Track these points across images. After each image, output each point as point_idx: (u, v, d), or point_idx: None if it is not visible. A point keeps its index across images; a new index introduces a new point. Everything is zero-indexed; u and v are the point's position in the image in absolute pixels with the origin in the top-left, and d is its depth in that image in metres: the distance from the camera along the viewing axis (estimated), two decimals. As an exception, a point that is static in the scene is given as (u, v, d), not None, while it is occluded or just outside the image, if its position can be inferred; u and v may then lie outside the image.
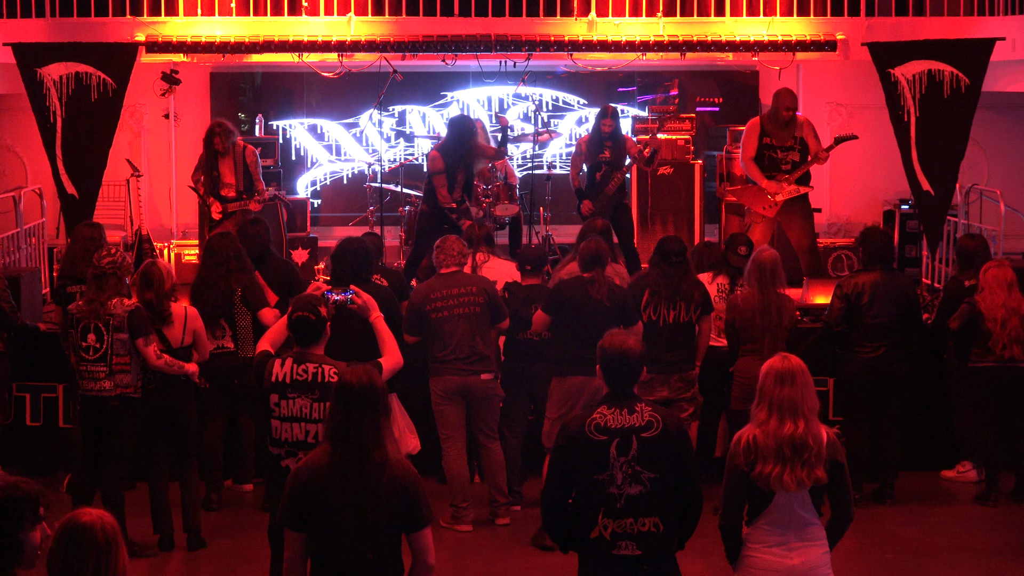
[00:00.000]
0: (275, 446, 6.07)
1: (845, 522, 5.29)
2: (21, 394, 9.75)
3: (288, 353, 6.10)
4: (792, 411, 5.09)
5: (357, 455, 4.68)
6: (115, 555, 3.64)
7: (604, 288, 8.26)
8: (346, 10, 12.52)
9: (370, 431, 4.70)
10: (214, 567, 8.15)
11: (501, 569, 7.84)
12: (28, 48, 11.01)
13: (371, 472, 4.67)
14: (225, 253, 8.85)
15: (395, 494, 4.69)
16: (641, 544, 5.06)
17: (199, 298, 8.82)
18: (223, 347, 8.82)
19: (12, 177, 13.95)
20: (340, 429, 4.72)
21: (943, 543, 8.45)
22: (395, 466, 4.72)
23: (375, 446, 4.70)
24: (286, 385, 5.99)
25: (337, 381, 4.83)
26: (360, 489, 4.67)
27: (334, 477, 4.69)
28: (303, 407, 5.99)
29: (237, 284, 8.81)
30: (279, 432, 6.03)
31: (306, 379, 6.00)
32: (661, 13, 12.58)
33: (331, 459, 4.71)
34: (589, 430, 5.08)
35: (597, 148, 11.30)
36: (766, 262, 8.56)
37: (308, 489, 4.72)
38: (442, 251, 8.66)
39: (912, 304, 9.15)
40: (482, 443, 8.67)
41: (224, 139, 10.84)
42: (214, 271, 8.84)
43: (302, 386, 5.99)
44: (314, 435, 5.94)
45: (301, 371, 6.01)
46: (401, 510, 4.71)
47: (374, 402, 4.74)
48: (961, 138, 10.97)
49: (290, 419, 6.00)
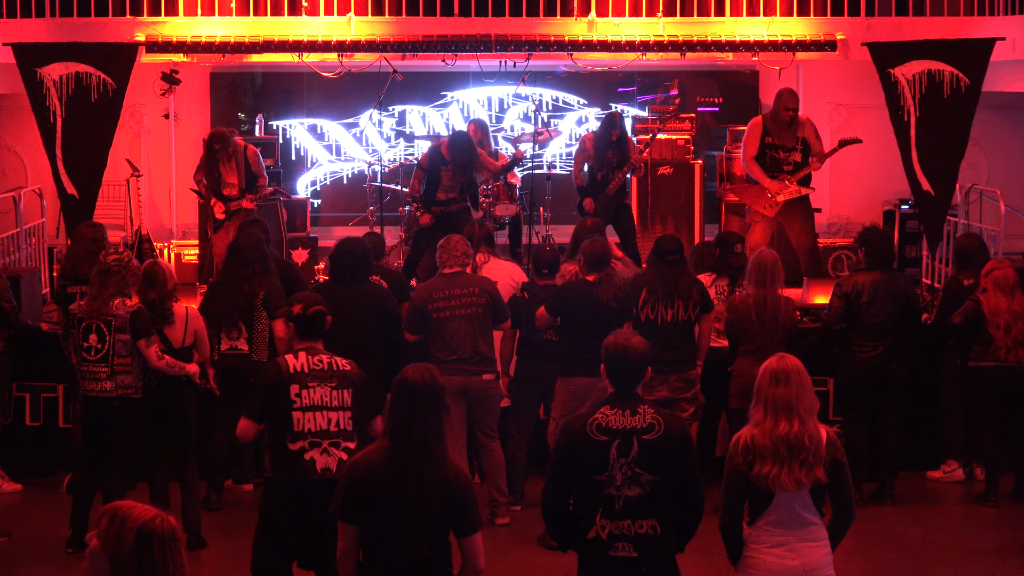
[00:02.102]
0: (296, 440, 6.05)
1: (847, 521, 5.27)
2: (21, 394, 9.75)
3: (298, 348, 6.21)
4: (787, 411, 5.09)
5: (419, 452, 4.72)
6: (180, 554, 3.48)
7: (611, 290, 8.28)
8: (346, 10, 12.52)
9: (432, 428, 4.75)
10: (214, 567, 8.15)
11: (501, 569, 7.82)
12: (28, 48, 11.02)
13: (431, 469, 4.72)
14: (252, 255, 8.84)
15: (449, 494, 4.74)
16: (638, 546, 5.05)
17: (220, 296, 8.80)
18: (237, 349, 8.80)
19: (12, 177, 13.95)
20: (403, 426, 4.75)
21: (943, 543, 8.45)
22: (450, 467, 4.79)
23: (436, 443, 4.75)
24: (306, 375, 6.08)
25: (399, 379, 4.84)
26: (420, 485, 4.71)
27: (393, 473, 4.71)
28: (323, 395, 6.08)
29: (260, 287, 8.79)
30: (301, 423, 6.05)
31: (323, 368, 6.12)
32: (661, 13, 12.58)
33: (390, 455, 4.74)
34: (590, 430, 5.07)
35: (603, 150, 11.33)
36: (767, 262, 8.57)
37: (364, 483, 4.74)
38: (446, 251, 8.66)
39: (911, 304, 9.15)
40: (482, 443, 8.67)
41: (224, 147, 10.89)
42: (239, 271, 8.81)
43: (321, 375, 6.10)
44: (336, 422, 6.04)
45: (316, 361, 6.14)
46: (454, 511, 4.76)
47: (436, 399, 4.79)
48: (961, 138, 10.98)
49: (312, 408, 6.06)
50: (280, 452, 6.08)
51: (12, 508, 9.16)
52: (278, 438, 6.11)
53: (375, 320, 8.49)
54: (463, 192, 11.14)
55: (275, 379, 6.12)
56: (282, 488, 6.09)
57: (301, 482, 6.01)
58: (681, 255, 8.71)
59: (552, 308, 8.40)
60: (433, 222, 11.06)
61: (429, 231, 11.04)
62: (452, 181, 11.08)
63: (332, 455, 6.05)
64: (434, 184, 11.10)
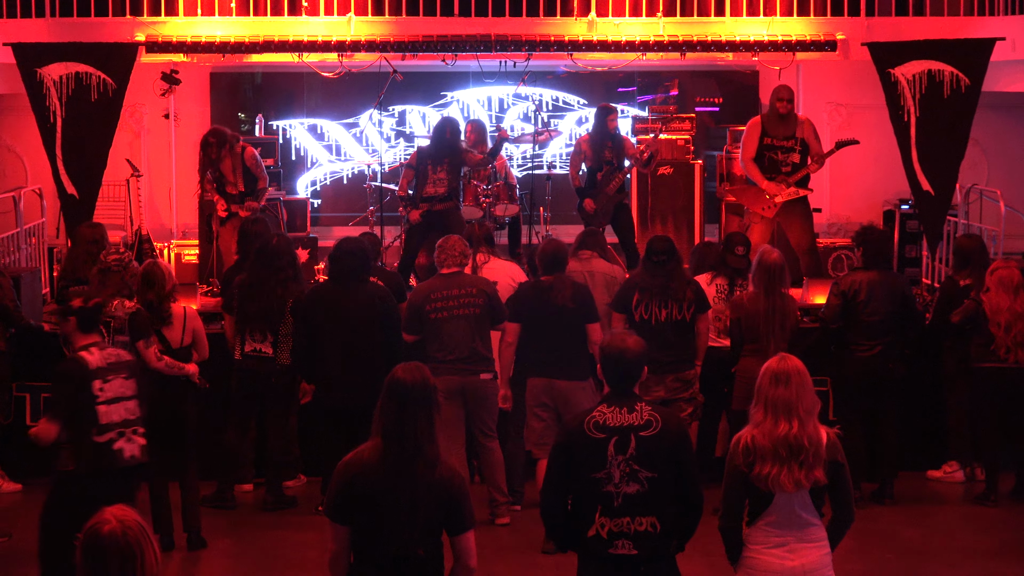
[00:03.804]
0: (103, 432, 6.53)
1: (846, 522, 5.27)
2: (21, 394, 9.75)
3: (87, 343, 6.59)
4: (787, 411, 5.09)
5: (412, 452, 4.70)
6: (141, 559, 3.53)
7: (567, 290, 8.32)
8: (346, 10, 12.52)
9: (424, 427, 4.73)
10: (214, 567, 8.15)
11: (501, 569, 7.83)
12: (28, 48, 11.02)
13: (424, 468, 4.70)
14: (286, 258, 8.84)
15: (443, 493, 4.72)
16: (638, 544, 5.05)
17: (255, 298, 8.77)
18: (260, 351, 8.79)
19: (12, 177, 13.94)
20: (395, 426, 4.73)
21: (943, 543, 8.45)
22: (443, 466, 4.77)
23: (428, 442, 4.73)
24: (104, 369, 6.54)
25: (390, 378, 4.82)
26: (412, 485, 4.69)
27: (385, 473, 4.69)
28: (120, 387, 6.58)
29: (291, 294, 8.79)
30: (107, 416, 6.52)
31: (115, 360, 6.61)
32: (661, 13, 12.58)
33: (383, 456, 4.72)
34: (588, 428, 5.08)
35: (599, 148, 11.35)
36: (773, 265, 8.54)
37: (356, 484, 4.72)
38: (444, 251, 8.66)
39: (908, 303, 9.15)
40: (481, 443, 8.68)
41: (218, 148, 10.86)
42: (273, 274, 8.79)
43: (116, 367, 6.60)
44: (131, 411, 6.61)
45: (107, 355, 6.61)
46: (447, 510, 4.73)
47: (427, 399, 4.77)
48: (961, 138, 10.98)
49: (114, 400, 6.54)
50: (86, 445, 6.50)
51: (12, 508, 9.16)
52: (84, 433, 6.50)
53: (375, 321, 8.49)
54: (450, 188, 11.18)
55: (80, 377, 6.46)
56: (83, 479, 6.46)
57: (109, 471, 6.47)
58: (671, 255, 8.66)
59: (512, 315, 8.46)
60: (422, 219, 11.13)
61: (421, 228, 11.12)
62: (438, 175, 11.11)
63: (134, 442, 6.64)
64: (422, 180, 11.20)
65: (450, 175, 11.20)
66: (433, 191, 11.16)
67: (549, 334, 8.32)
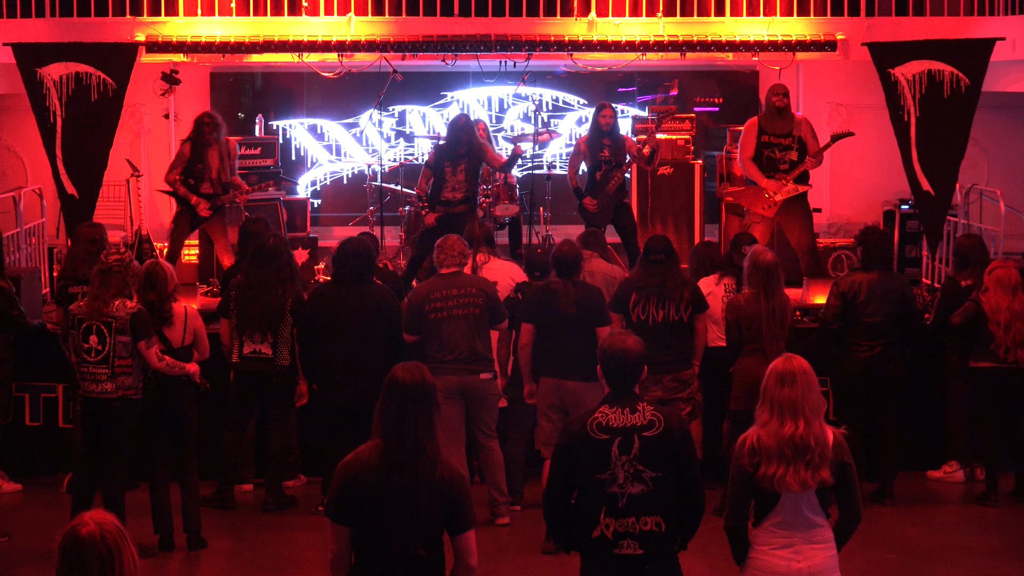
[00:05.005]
0: None
1: (853, 523, 5.25)
2: (21, 394, 9.75)
3: None
4: (792, 412, 5.08)
5: (412, 451, 4.70)
6: (119, 561, 3.58)
7: (572, 298, 8.33)
8: (346, 10, 12.52)
9: (424, 427, 4.72)
10: (214, 567, 8.15)
11: (501, 569, 7.84)
12: (28, 48, 11.01)
13: (425, 468, 4.70)
14: (284, 259, 8.83)
15: (443, 492, 4.71)
16: (643, 543, 5.05)
17: (256, 300, 8.76)
18: (260, 352, 8.79)
19: (12, 177, 13.94)
20: (395, 425, 4.72)
21: (943, 543, 8.45)
22: (443, 465, 4.76)
23: (428, 442, 4.73)
24: None
25: (389, 378, 4.81)
26: (413, 484, 4.68)
27: (385, 473, 4.69)
28: None
29: (290, 294, 8.79)
30: None
31: None
32: (661, 13, 12.58)
33: (383, 456, 4.72)
34: (591, 429, 5.08)
35: (596, 147, 11.35)
36: (768, 265, 8.52)
37: (356, 484, 4.72)
38: (443, 251, 8.66)
39: (908, 304, 9.15)
40: (481, 443, 8.68)
41: (212, 129, 10.87)
42: (275, 275, 8.79)
43: None
44: None
45: None
46: (448, 509, 4.73)
47: (427, 398, 4.76)
48: (961, 138, 10.97)
49: None
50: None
51: (12, 508, 9.16)
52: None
53: (378, 321, 8.50)
54: (468, 193, 11.03)
55: None
56: None
57: None
58: (668, 255, 8.64)
59: (525, 316, 8.47)
60: (438, 223, 10.90)
61: (435, 232, 10.86)
62: (457, 177, 10.99)
63: None
64: (440, 183, 11.03)
65: (468, 177, 10.98)
66: (451, 196, 10.99)
67: (558, 335, 8.31)
